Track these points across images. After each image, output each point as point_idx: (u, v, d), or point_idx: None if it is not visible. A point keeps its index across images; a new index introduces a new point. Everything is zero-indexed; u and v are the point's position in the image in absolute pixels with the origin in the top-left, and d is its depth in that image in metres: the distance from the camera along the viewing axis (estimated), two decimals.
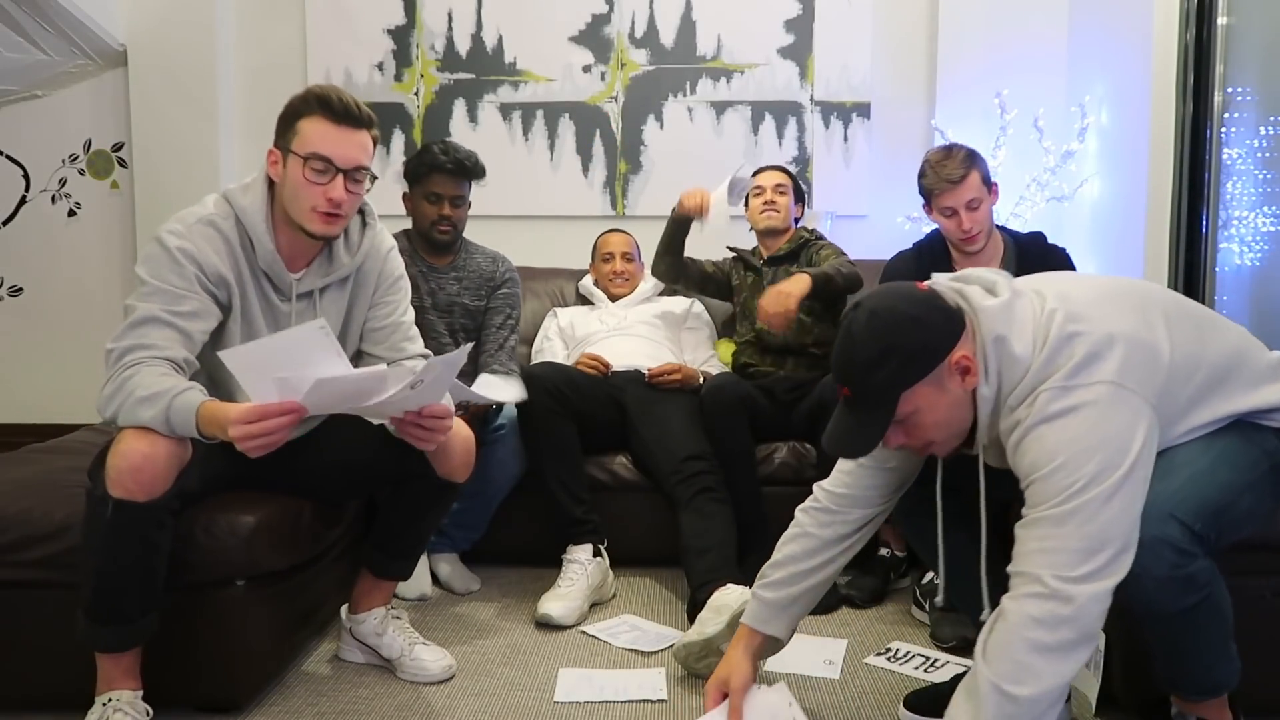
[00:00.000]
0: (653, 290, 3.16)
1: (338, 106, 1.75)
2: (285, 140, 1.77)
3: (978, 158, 2.42)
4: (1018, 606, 1.32)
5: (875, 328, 1.43)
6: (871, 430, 1.46)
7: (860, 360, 1.43)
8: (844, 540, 1.71)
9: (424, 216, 2.65)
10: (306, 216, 1.76)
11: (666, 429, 2.51)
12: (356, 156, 1.76)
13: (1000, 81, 3.38)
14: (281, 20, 3.68)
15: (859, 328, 1.44)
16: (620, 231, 3.22)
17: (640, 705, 1.87)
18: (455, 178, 2.63)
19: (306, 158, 1.73)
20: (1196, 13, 2.83)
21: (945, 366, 1.43)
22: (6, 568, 1.74)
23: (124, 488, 1.55)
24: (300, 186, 1.75)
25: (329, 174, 1.74)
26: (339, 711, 1.85)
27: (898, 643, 2.17)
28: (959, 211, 2.37)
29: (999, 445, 1.48)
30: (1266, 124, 2.78)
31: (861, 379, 1.43)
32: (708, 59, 3.64)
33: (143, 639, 1.66)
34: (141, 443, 1.57)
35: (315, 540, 2.00)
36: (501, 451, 2.50)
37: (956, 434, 1.50)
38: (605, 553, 2.44)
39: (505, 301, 2.76)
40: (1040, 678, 1.29)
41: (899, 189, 3.38)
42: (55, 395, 3.74)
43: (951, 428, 1.48)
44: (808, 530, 1.72)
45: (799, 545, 1.73)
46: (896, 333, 1.42)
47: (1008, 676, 1.30)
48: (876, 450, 1.56)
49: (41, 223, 3.73)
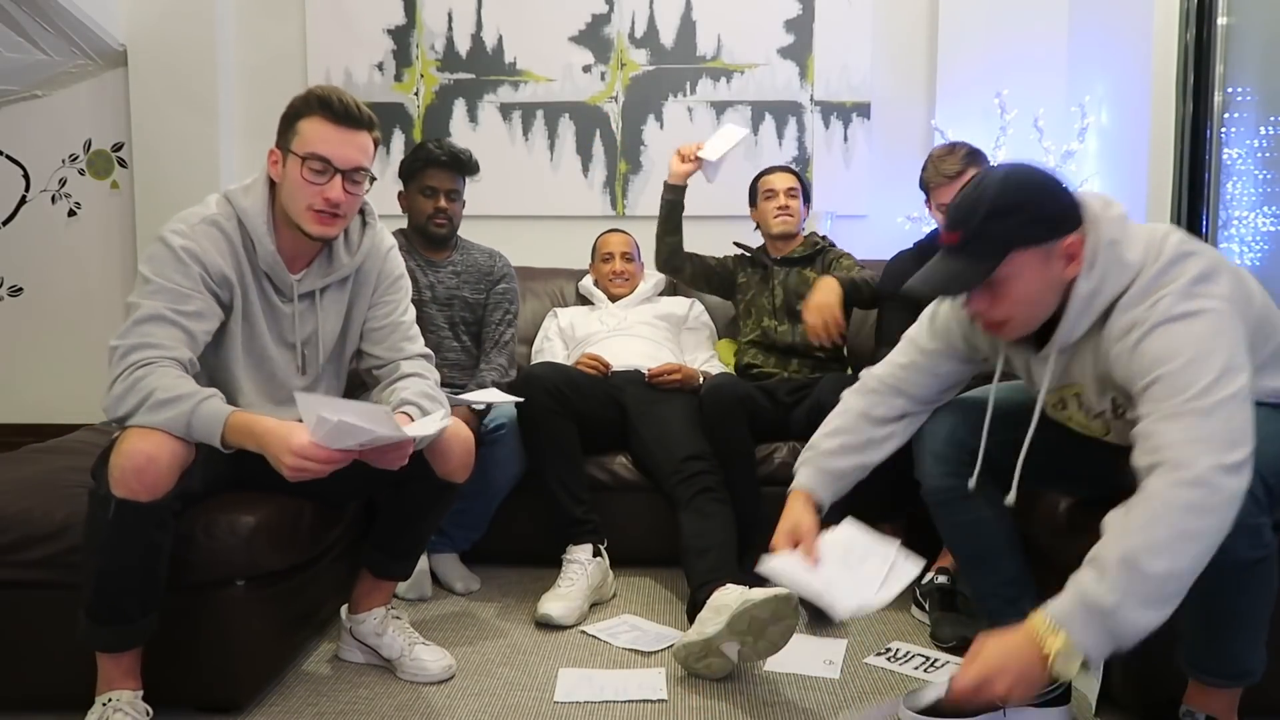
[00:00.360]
0: (653, 290, 3.16)
1: (338, 107, 1.76)
2: (286, 140, 1.78)
3: (980, 157, 2.42)
4: (1167, 492, 1.32)
5: (1011, 183, 1.50)
6: (970, 276, 1.50)
7: (985, 207, 1.48)
8: (885, 424, 1.82)
9: (419, 211, 2.68)
10: (304, 216, 1.77)
11: (666, 429, 2.51)
12: (355, 158, 1.77)
13: (1000, 81, 3.39)
14: (281, 20, 3.68)
15: (992, 180, 1.51)
16: (620, 231, 3.22)
17: (640, 705, 1.87)
18: (450, 171, 2.66)
19: (305, 158, 1.74)
20: (1196, 13, 2.83)
21: (1057, 246, 1.48)
22: (7, 568, 1.74)
23: (127, 487, 1.56)
24: (298, 186, 1.76)
25: (327, 174, 1.75)
26: (339, 711, 1.85)
27: (898, 643, 2.17)
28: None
29: (1071, 355, 1.56)
30: (1266, 124, 2.78)
31: (980, 225, 1.48)
32: (708, 59, 3.64)
33: (143, 639, 1.66)
34: (145, 443, 1.57)
35: (315, 540, 2.00)
36: (501, 451, 2.50)
37: (1035, 317, 1.54)
38: (605, 553, 2.44)
39: (504, 297, 2.77)
40: (1176, 558, 1.30)
41: (899, 189, 3.38)
42: (55, 395, 3.75)
43: (1034, 308, 1.53)
44: (852, 406, 1.85)
45: (845, 419, 1.85)
46: (1029, 193, 1.49)
47: (1146, 550, 1.30)
48: (932, 351, 1.74)
49: (41, 223, 3.74)
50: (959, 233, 1.51)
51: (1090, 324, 1.52)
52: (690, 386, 2.68)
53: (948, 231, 1.54)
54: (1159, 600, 1.30)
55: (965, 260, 1.51)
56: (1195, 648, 1.54)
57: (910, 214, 3.42)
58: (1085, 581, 1.33)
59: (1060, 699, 1.77)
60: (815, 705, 1.88)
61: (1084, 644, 1.31)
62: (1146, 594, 1.29)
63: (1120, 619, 1.29)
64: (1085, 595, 1.32)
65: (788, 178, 2.95)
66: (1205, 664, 1.54)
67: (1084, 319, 1.51)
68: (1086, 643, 1.31)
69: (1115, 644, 1.31)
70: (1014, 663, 1.34)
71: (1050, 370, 1.60)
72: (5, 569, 1.74)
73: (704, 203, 3.45)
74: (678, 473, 2.40)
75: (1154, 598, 1.30)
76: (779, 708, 1.87)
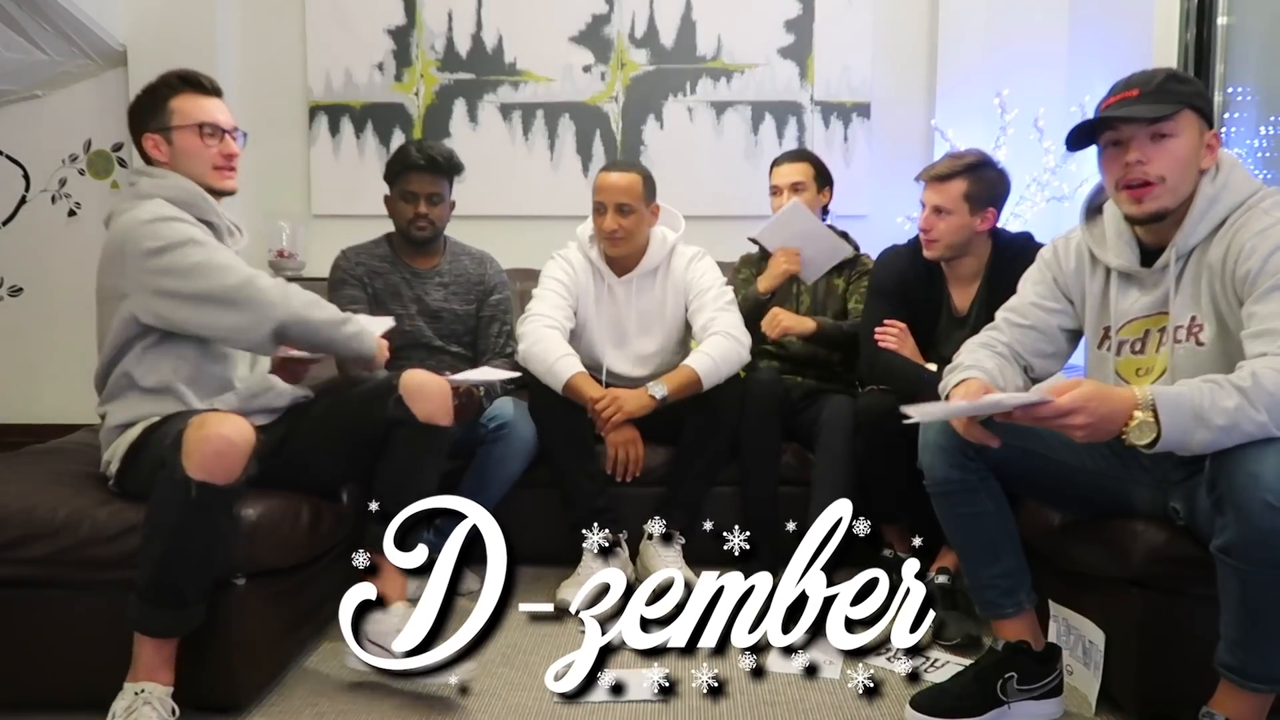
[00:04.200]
0: (664, 254, 2.67)
1: (205, 82, 2.00)
2: (160, 122, 1.95)
3: (977, 172, 2.30)
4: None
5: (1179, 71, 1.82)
6: (1151, 111, 1.62)
7: (1166, 72, 1.68)
8: (1001, 354, 1.85)
9: (401, 215, 2.65)
10: (211, 176, 1.96)
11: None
12: (231, 119, 2.01)
13: (1000, 81, 3.38)
14: (281, 20, 3.68)
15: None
16: (623, 169, 2.65)
17: (640, 705, 1.87)
18: (430, 174, 2.61)
19: (198, 126, 1.94)
20: (1196, 13, 2.83)
21: (1208, 134, 1.66)
22: (7, 565, 1.74)
23: (206, 470, 1.63)
24: (199, 151, 1.95)
25: (217, 135, 1.97)
26: (339, 711, 1.85)
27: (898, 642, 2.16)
28: (925, 207, 2.33)
29: (1189, 257, 1.67)
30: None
31: (1161, 82, 1.65)
32: (708, 59, 3.64)
33: (193, 626, 1.69)
34: (224, 427, 1.67)
35: (315, 539, 2.00)
36: (501, 450, 2.50)
37: (1175, 191, 1.64)
38: (625, 543, 2.44)
39: (499, 309, 2.73)
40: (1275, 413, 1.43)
41: (899, 189, 3.38)
42: (55, 395, 3.74)
43: (1180, 174, 1.64)
44: (976, 342, 1.90)
45: (972, 352, 1.87)
46: (1197, 81, 1.75)
47: (1254, 393, 1.43)
48: (1054, 300, 1.84)
49: (41, 223, 3.73)
50: (1138, 89, 1.65)
51: (1207, 232, 1.64)
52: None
53: (1123, 90, 1.66)
54: (1230, 429, 1.43)
55: (1145, 103, 1.63)
56: (1235, 648, 1.52)
57: (910, 214, 3.40)
58: (1192, 385, 1.47)
59: (1055, 691, 1.78)
60: (815, 705, 1.88)
61: (1164, 424, 1.44)
62: (1230, 422, 1.42)
63: (1204, 420, 1.43)
64: (1184, 391, 1.46)
65: (793, 170, 2.80)
66: (1242, 665, 1.52)
67: (1204, 223, 1.64)
68: (1166, 424, 1.44)
69: (1182, 443, 1.45)
70: (1104, 409, 1.47)
71: (1166, 284, 1.69)
72: (6, 566, 1.74)
73: (705, 203, 3.47)
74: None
75: (1230, 427, 1.43)
76: (779, 708, 1.87)
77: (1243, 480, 1.42)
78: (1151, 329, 1.73)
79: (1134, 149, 1.64)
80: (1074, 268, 1.84)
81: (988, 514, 1.81)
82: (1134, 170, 1.64)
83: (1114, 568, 1.75)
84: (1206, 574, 1.53)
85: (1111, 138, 1.67)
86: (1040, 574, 1.89)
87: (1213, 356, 1.62)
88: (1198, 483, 1.57)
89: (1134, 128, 1.64)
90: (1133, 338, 1.75)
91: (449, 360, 2.66)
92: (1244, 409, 1.42)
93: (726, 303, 2.62)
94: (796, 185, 2.79)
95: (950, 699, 1.75)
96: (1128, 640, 1.75)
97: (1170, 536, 1.69)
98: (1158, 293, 1.71)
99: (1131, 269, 1.74)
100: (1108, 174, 1.70)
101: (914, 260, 2.45)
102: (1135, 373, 1.74)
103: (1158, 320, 1.72)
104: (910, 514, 2.26)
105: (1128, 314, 1.75)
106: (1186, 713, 1.58)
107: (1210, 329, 1.64)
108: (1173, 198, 1.65)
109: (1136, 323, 1.74)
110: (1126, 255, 1.75)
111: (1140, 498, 1.77)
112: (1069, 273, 1.84)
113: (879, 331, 2.40)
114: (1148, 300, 1.72)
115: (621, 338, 2.69)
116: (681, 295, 2.68)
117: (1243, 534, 1.43)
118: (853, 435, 2.43)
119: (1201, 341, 1.64)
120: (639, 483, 2.55)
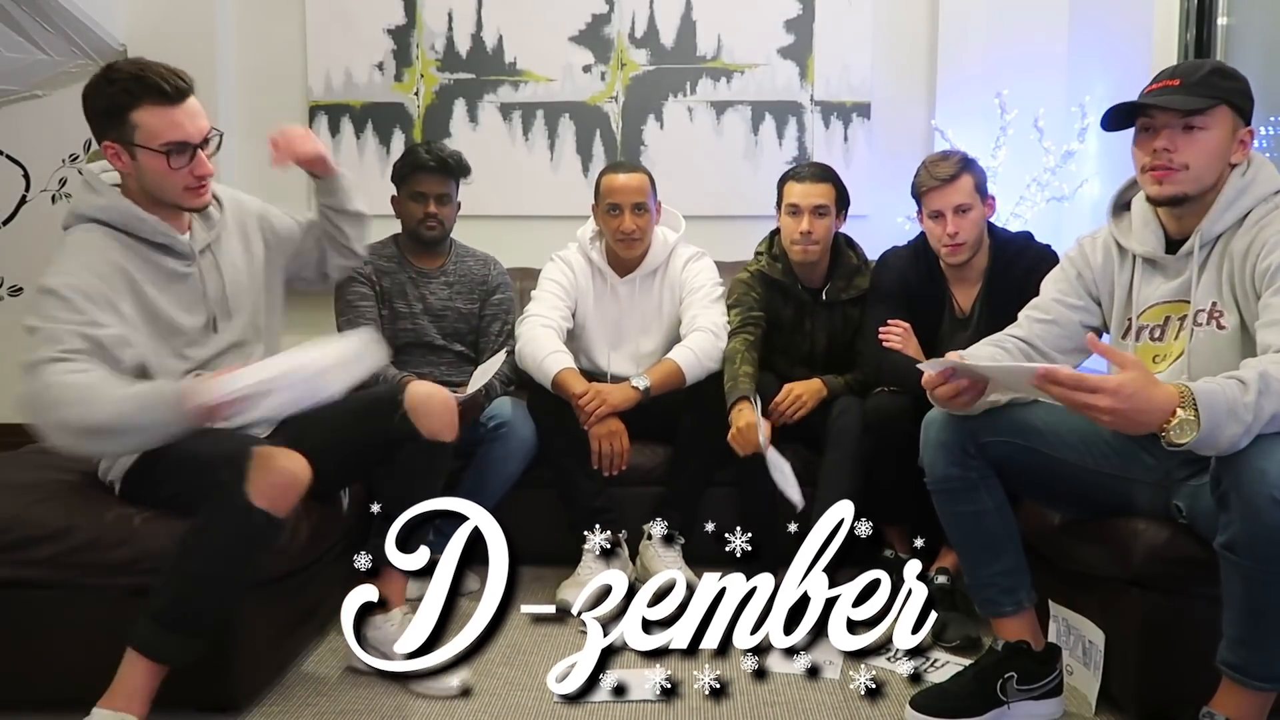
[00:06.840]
0: (664, 255, 2.71)
1: (167, 89, 1.73)
2: (121, 134, 1.74)
3: (974, 165, 2.40)
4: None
5: (1229, 65, 1.75)
6: (1187, 103, 1.65)
7: (1212, 64, 1.72)
8: (1005, 349, 1.85)
9: (410, 216, 2.69)
10: (182, 197, 1.80)
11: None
12: (202, 126, 1.78)
13: (1000, 81, 3.38)
14: (281, 20, 3.67)
15: (1212, 59, 1.81)
16: (629, 169, 2.68)
17: (642, 706, 1.87)
18: (439, 175, 2.67)
19: (162, 149, 1.73)
20: (1196, 13, 2.83)
21: (1242, 130, 1.69)
22: (8, 566, 1.74)
23: (271, 501, 1.61)
24: (165, 175, 1.76)
25: (187, 154, 1.76)
26: (339, 711, 1.85)
27: (899, 642, 2.16)
28: (945, 214, 2.34)
29: (1205, 255, 1.70)
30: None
31: (1204, 76, 1.67)
32: (708, 59, 3.63)
33: (196, 654, 1.66)
34: (290, 462, 1.67)
35: (315, 540, 2.00)
36: (500, 451, 2.50)
37: (1200, 180, 1.68)
38: (625, 543, 2.45)
39: (500, 308, 2.77)
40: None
41: (899, 189, 3.34)
42: None
43: (1206, 164, 1.67)
44: (989, 339, 1.90)
45: (979, 346, 1.87)
46: (1243, 77, 1.71)
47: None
48: (1076, 296, 1.86)
49: (41, 223, 3.72)
50: (1180, 79, 1.67)
51: (1232, 221, 1.68)
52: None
53: (1166, 79, 1.69)
54: (1252, 426, 1.41)
55: (1183, 94, 1.65)
56: (1237, 646, 1.52)
57: (910, 214, 3.40)
58: (1218, 381, 1.43)
59: (1055, 691, 1.79)
60: (815, 705, 1.88)
61: (1205, 425, 1.39)
62: (1253, 417, 1.40)
63: (1235, 415, 1.40)
64: (1214, 388, 1.42)
65: (817, 191, 2.54)
66: (1245, 664, 1.51)
67: (1230, 212, 1.67)
68: (1206, 425, 1.39)
69: (1213, 441, 1.41)
70: (1142, 403, 1.40)
71: (1188, 270, 1.71)
72: (7, 567, 1.74)
73: (704, 203, 3.47)
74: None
75: (1252, 423, 1.41)
76: (779, 708, 1.87)
77: (1248, 476, 1.42)
78: (1172, 315, 1.75)
79: (1164, 136, 1.67)
80: (1101, 262, 1.86)
81: (988, 512, 1.81)
82: (1160, 156, 1.68)
83: (1114, 567, 1.76)
84: (1207, 574, 1.54)
85: (1145, 123, 1.71)
86: (1040, 574, 1.89)
87: (1231, 342, 1.65)
88: (1202, 480, 1.57)
89: (1168, 116, 1.67)
90: (1152, 324, 1.77)
91: (445, 370, 2.68)
92: (1261, 404, 1.42)
93: (714, 300, 2.67)
94: (819, 209, 2.55)
95: (950, 699, 1.76)
96: (1128, 640, 1.75)
97: (1171, 536, 1.69)
98: (1180, 280, 1.73)
99: (1156, 255, 1.77)
100: (1137, 156, 1.75)
101: (915, 261, 2.46)
102: (1152, 359, 1.75)
103: (1178, 308, 1.74)
104: (917, 515, 2.26)
105: (1149, 299, 1.77)
106: (1187, 713, 1.58)
107: (1231, 316, 1.66)
108: (1194, 185, 1.68)
109: (1157, 308, 1.77)
110: (1151, 242, 1.78)
111: (1142, 496, 1.78)
112: (1096, 267, 1.86)
113: (883, 331, 2.41)
114: (1170, 287, 1.75)
115: (622, 337, 2.72)
116: (678, 294, 2.72)
117: (1248, 530, 1.43)
118: (862, 436, 2.42)
119: (1223, 325, 1.67)
120: (638, 483, 2.56)
